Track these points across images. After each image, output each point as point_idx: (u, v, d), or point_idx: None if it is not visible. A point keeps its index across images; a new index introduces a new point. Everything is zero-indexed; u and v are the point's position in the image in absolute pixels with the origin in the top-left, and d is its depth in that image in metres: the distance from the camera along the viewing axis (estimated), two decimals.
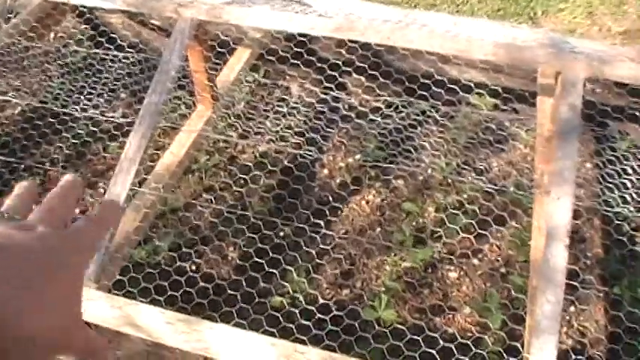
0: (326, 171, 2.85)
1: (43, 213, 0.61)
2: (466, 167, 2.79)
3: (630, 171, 2.51)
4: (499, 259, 2.52)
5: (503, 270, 2.47)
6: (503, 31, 2.41)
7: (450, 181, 2.75)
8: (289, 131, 2.95)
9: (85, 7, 2.52)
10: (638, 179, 2.44)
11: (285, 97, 3.11)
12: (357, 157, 2.88)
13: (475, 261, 2.51)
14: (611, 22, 3.98)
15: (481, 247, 2.52)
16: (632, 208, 2.46)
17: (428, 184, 2.77)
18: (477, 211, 2.55)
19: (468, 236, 2.47)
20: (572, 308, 2.37)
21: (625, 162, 2.58)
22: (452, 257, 2.51)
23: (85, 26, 3.25)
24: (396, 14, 2.48)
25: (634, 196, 2.43)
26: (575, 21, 3.98)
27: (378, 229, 2.61)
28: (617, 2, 4.07)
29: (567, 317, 2.35)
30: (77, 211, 2.71)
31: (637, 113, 2.41)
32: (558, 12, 4.06)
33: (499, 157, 2.89)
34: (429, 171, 2.79)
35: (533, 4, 4.09)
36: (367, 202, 2.72)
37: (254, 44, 2.93)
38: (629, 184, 2.43)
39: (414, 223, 2.62)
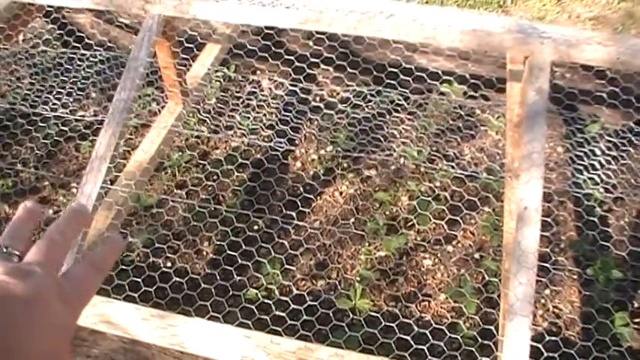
0: (299, 163, 2.86)
1: (41, 254, 0.63)
2: (438, 155, 2.80)
3: (599, 152, 2.54)
4: (473, 244, 2.53)
5: (477, 255, 2.49)
6: (472, 19, 2.42)
7: (422, 169, 2.76)
8: (261, 125, 2.95)
9: (52, 7, 2.50)
10: (607, 161, 2.46)
11: (255, 90, 3.11)
12: (329, 148, 2.89)
13: (449, 247, 2.52)
14: (581, 9, 4.00)
15: (455, 234, 2.54)
16: (601, 189, 2.48)
17: (400, 173, 2.77)
18: (450, 198, 2.57)
19: (442, 223, 2.48)
20: (547, 291, 2.39)
21: (594, 144, 2.61)
22: (426, 245, 2.52)
23: (52, 26, 3.24)
24: (364, 5, 2.48)
25: (603, 177, 2.46)
26: (545, 8, 4.01)
27: (352, 220, 2.61)
28: None
29: (542, 300, 2.37)
30: (50, 212, 2.70)
31: (604, 95, 2.43)
32: (528, 0, 4.09)
33: (471, 144, 2.90)
34: (402, 160, 2.79)
35: None
36: (340, 193, 2.72)
37: (223, 39, 2.93)
38: (598, 166, 2.45)
39: (387, 213, 2.63)
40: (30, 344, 0.54)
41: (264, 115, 2.98)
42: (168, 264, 2.50)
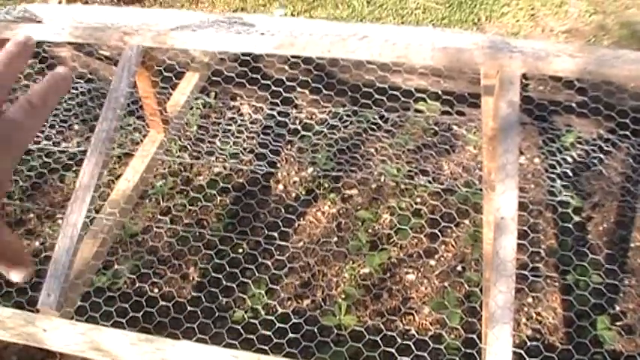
0: (281, 186, 2.89)
1: None
2: (418, 172, 2.85)
3: (575, 161, 2.59)
4: (454, 257, 2.57)
5: (459, 268, 2.53)
6: (444, 37, 2.47)
7: (402, 186, 2.80)
8: (242, 150, 2.99)
9: None
10: (580, 168, 2.51)
11: (235, 116, 3.15)
12: (310, 170, 2.93)
13: (431, 261, 2.56)
14: (554, 22, 4.07)
15: (436, 248, 2.58)
16: (577, 197, 2.53)
17: (381, 191, 2.81)
18: (431, 213, 2.61)
19: (423, 238, 2.53)
20: (529, 299, 2.42)
21: (571, 153, 2.66)
22: (408, 260, 2.56)
23: (34, 61, 3.27)
24: (338, 28, 2.53)
25: (577, 185, 2.51)
26: (519, 24, 4.08)
27: (335, 238, 2.65)
28: (559, 2, 4.17)
29: (525, 308, 2.40)
30: (36, 244, 2.73)
31: (573, 105, 2.49)
32: (501, 16, 4.15)
33: (449, 160, 2.95)
34: (382, 178, 2.84)
35: (476, 10, 4.18)
36: (323, 213, 2.76)
37: (202, 67, 2.97)
38: (573, 174, 2.51)
39: (369, 230, 2.66)
40: None
41: (244, 140, 3.03)
42: (155, 290, 2.52)
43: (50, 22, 2.64)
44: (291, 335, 2.11)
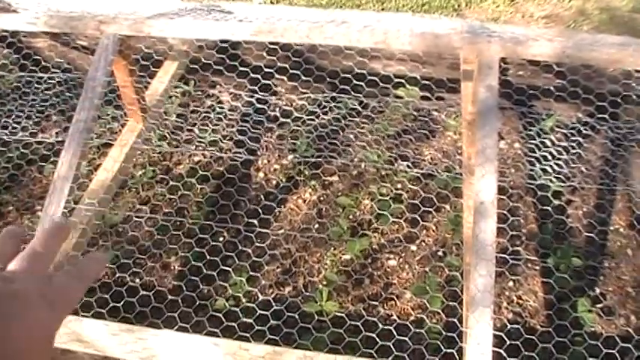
0: (262, 174, 2.89)
1: (23, 264, 0.64)
2: (398, 157, 2.85)
3: (556, 145, 2.60)
4: (436, 242, 2.57)
5: (440, 252, 2.53)
6: (423, 23, 2.47)
7: (383, 172, 2.80)
8: (221, 138, 2.97)
9: (7, 31, 2.51)
10: (558, 152, 2.52)
11: (215, 104, 3.14)
12: (290, 157, 2.92)
13: (413, 247, 2.56)
14: (534, 8, 4.08)
15: (417, 233, 2.58)
16: (556, 180, 2.54)
17: (361, 177, 2.81)
18: (411, 198, 2.61)
19: (404, 223, 2.53)
20: (510, 283, 2.43)
21: (551, 137, 2.67)
22: (389, 245, 2.56)
23: (9, 51, 3.24)
24: (317, 15, 2.52)
25: (556, 168, 2.51)
26: (499, 10, 4.08)
27: (316, 225, 2.64)
28: None
29: (507, 292, 2.41)
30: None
31: (552, 89, 2.49)
32: (482, 2, 4.16)
33: (430, 145, 2.95)
34: (362, 164, 2.83)
35: None
36: (304, 200, 2.75)
37: (180, 56, 2.95)
38: (553, 158, 2.51)
39: (350, 216, 2.66)
40: (7, 342, 0.56)
41: (223, 128, 3.01)
42: (136, 279, 2.51)
43: (25, 12, 2.61)
44: (272, 322, 2.12)
